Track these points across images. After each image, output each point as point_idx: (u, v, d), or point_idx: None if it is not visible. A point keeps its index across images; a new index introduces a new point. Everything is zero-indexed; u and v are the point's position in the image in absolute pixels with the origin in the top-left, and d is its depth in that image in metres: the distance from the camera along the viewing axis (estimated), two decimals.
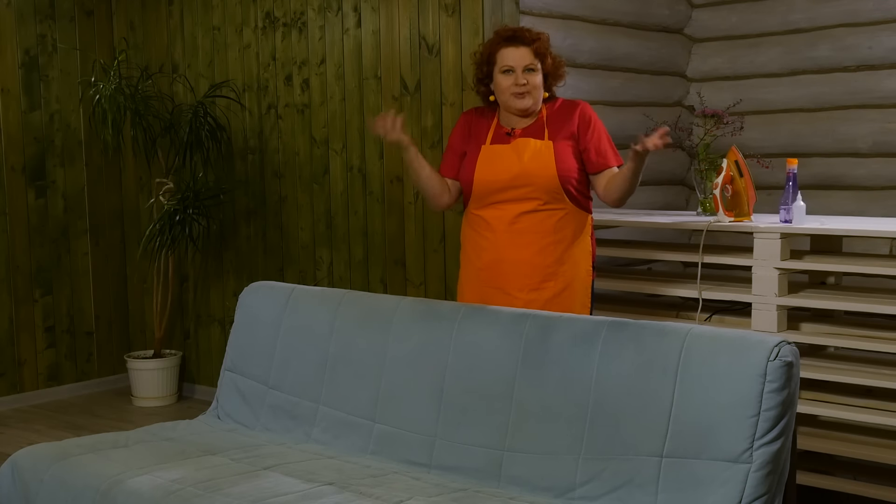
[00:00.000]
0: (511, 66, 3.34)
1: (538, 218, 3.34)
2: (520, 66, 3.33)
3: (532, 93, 3.35)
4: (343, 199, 5.00)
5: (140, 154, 5.61)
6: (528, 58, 3.34)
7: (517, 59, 3.34)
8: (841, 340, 3.63)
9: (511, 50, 3.35)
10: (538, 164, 3.33)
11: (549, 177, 3.32)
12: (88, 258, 5.87)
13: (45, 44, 5.63)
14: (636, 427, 2.69)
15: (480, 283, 3.43)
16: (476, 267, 3.45)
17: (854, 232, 3.62)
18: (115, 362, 5.99)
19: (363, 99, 4.88)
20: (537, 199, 3.33)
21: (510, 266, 3.37)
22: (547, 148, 3.34)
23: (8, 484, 3.19)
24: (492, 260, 3.39)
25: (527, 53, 3.34)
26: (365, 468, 3.05)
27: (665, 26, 5.39)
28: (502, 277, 3.38)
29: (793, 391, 2.55)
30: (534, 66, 3.34)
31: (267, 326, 3.56)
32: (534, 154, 3.34)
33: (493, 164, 3.37)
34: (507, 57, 3.35)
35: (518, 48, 3.34)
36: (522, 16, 4.46)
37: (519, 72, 3.33)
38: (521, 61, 3.33)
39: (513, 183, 3.33)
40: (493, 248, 3.39)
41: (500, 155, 3.37)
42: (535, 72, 3.35)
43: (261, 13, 5.25)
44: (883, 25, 4.93)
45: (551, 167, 3.32)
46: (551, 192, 3.33)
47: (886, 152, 4.98)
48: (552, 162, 3.33)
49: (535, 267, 3.36)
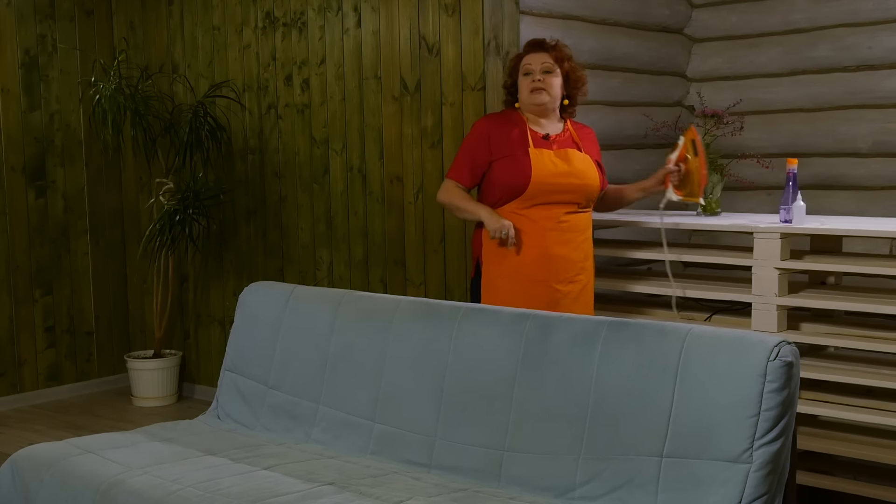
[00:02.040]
0: (531, 67, 3.70)
1: (578, 218, 3.70)
2: (538, 67, 3.69)
3: (548, 90, 3.68)
4: (343, 199, 5.00)
5: (140, 154, 5.61)
6: (546, 60, 3.69)
7: (535, 61, 3.70)
8: (841, 340, 3.63)
9: (532, 55, 3.72)
10: (586, 173, 3.69)
11: (593, 185, 3.72)
12: (88, 258, 5.87)
13: (45, 44, 5.63)
14: (636, 427, 2.69)
15: (522, 277, 3.64)
16: (518, 262, 3.64)
17: (854, 232, 3.62)
18: (115, 362, 5.99)
19: (363, 99, 4.88)
20: (578, 203, 3.69)
21: (555, 261, 3.65)
22: (587, 159, 3.73)
23: (8, 484, 3.19)
24: (538, 255, 3.63)
25: (545, 57, 3.70)
26: (365, 468, 3.05)
27: (665, 26, 5.39)
28: (547, 271, 3.64)
29: (793, 391, 2.55)
30: (551, 69, 3.69)
31: (267, 326, 3.56)
32: (581, 163, 3.70)
33: (547, 167, 3.64)
34: (529, 60, 3.72)
35: (538, 53, 3.71)
36: (522, 16, 4.46)
37: (537, 72, 3.68)
38: (539, 62, 3.69)
39: (567, 186, 3.65)
40: (539, 245, 3.64)
41: (552, 159, 3.66)
42: (552, 74, 3.69)
43: (261, 13, 5.25)
44: (883, 25, 4.93)
45: (596, 177, 3.73)
46: (590, 198, 3.74)
47: (886, 152, 4.98)
48: (595, 172, 3.73)
49: (573, 262, 3.68)
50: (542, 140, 3.70)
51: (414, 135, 4.68)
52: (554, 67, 3.69)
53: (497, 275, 3.68)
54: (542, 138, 3.70)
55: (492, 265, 3.69)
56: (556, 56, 3.70)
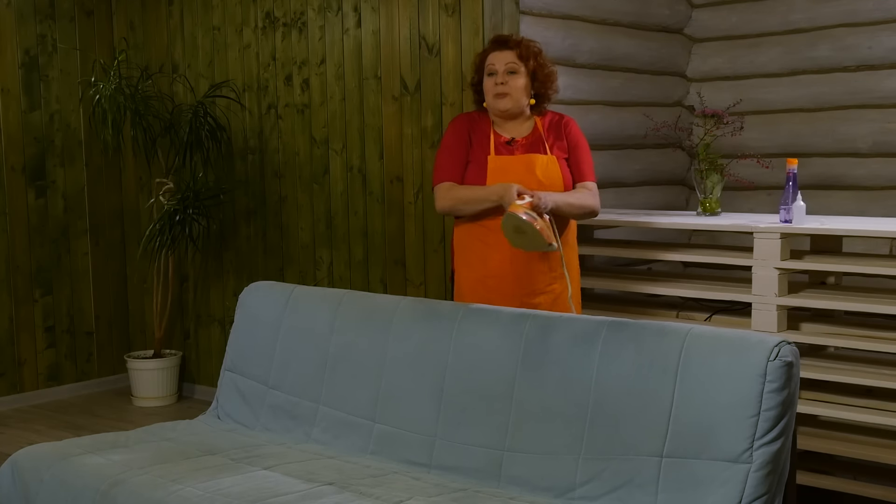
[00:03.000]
0: (494, 67, 3.48)
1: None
2: (501, 67, 3.47)
3: (512, 94, 3.46)
4: (343, 199, 5.00)
5: (140, 154, 5.61)
6: (510, 58, 3.46)
7: (499, 60, 3.48)
8: (841, 340, 3.63)
9: (496, 53, 3.50)
10: (549, 180, 3.45)
11: (556, 189, 3.44)
12: (88, 258, 5.87)
13: (45, 44, 5.63)
14: (636, 427, 2.69)
15: (487, 291, 3.45)
16: (481, 275, 3.48)
17: (854, 232, 3.62)
18: (115, 362, 5.99)
19: (363, 99, 4.88)
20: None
21: (520, 273, 3.44)
22: (552, 163, 3.49)
23: (8, 484, 3.19)
24: (500, 268, 3.44)
25: (509, 55, 3.47)
26: (365, 468, 3.05)
27: (665, 26, 5.39)
28: (512, 284, 3.44)
29: (793, 391, 2.55)
30: (515, 69, 3.47)
31: (267, 326, 3.56)
32: (544, 170, 3.46)
33: (504, 177, 3.41)
34: (492, 59, 3.50)
35: (502, 52, 3.48)
36: (522, 16, 4.46)
37: (500, 73, 3.47)
38: (503, 62, 3.47)
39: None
40: (501, 258, 3.43)
41: (510, 167, 3.45)
42: (517, 74, 3.47)
43: (261, 13, 5.25)
44: (883, 25, 4.93)
45: (559, 182, 3.47)
46: None
47: (886, 152, 4.98)
48: (559, 177, 3.48)
49: (542, 272, 3.46)
50: (505, 146, 3.50)
51: (414, 135, 4.68)
52: (518, 67, 3.46)
53: (464, 287, 3.53)
54: (506, 144, 3.50)
55: (461, 275, 3.55)
56: (521, 54, 3.47)
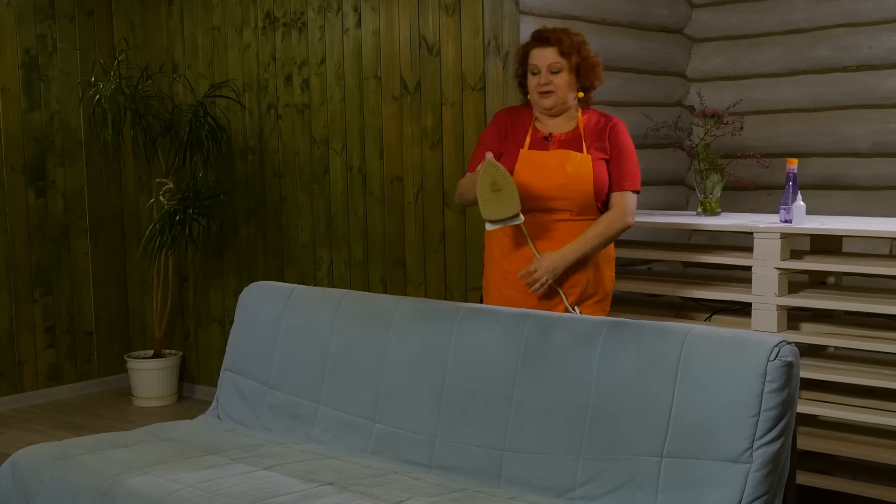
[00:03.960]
0: (537, 66, 3.44)
1: (570, 226, 3.41)
2: (544, 65, 3.42)
3: (556, 93, 3.42)
4: (343, 199, 5.00)
5: (140, 154, 5.61)
6: (553, 57, 3.42)
7: (542, 59, 3.43)
8: (841, 340, 3.63)
9: (538, 50, 3.45)
10: (579, 179, 3.39)
11: (585, 191, 3.39)
12: (88, 258, 5.87)
13: (45, 44, 5.63)
14: (636, 427, 2.69)
15: (507, 285, 3.45)
16: (503, 269, 3.48)
17: (854, 232, 3.62)
18: (115, 362, 5.99)
19: (363, 99, 4.87)
20: (571, 210, 3.41)
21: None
22: (586, 162, 3.41)
23: (8, 484, 3.19)
24: (522, 264, 3.42)
25: (552, 53, 3.42)
26: (365, 468, 3.05)
27: (665, 26, 5.39)
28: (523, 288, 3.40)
29: (793, 391, 2.55)
30: (559, 67, 3.42)
31: (267, 326, 3.56)
32: (575, 167, 3.40)
33: (534, 171, 3.40)
34: (534, 57, 3.45)
35: (545, 49, 3.43)
36: (522, 16, 4.46)
37: (544, 72, 3.42)
38: (546, 61, 3.42)
39: (555, 193, 3.39)
40: (525, 254, 3.42)
41: (542, 162, 3.42)
42: (560, 72, 3.42)
43: (261, 13, 5.25)
44: (883, 25, 4.93)
45: (588, 182, 3.39)
46: (585, 205, 3.41)
47: (886, 152, 4.97)
48: (590, 177, 3.40)
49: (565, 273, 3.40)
50: (542, 140, 3.47)
51: (414, 135, 4.68)
52: (562, 64, 3.41)
53: (488, 280, 3.55)
54: (543, 139, 3.47)
55: (487, 270, 3.58)
56: (563, 50, 3.41)
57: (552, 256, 3.36)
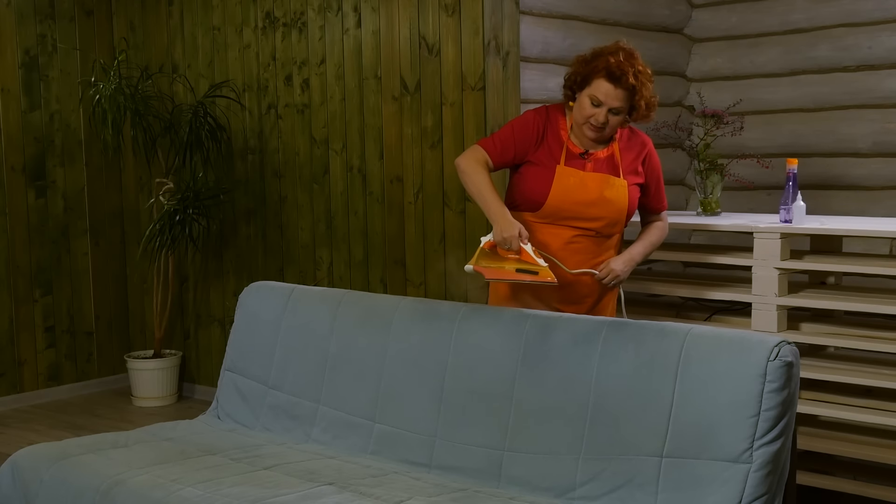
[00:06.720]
0: (599, 100, 3.23)
1: (593, 241, 3.37)
2: (607, 104, 3.23)
3: (606, 132, 3.30)
4: (343, 199, 5.00)
5: (140, 154, 5.61)
6: (619, 101, 3.23)
7: (607, 97, 3.23)
8: (841, 340, 3.63)
9: (607, 87, 3.22)
10: (615, 205, 3.34)
11: (619, 213, 3.36)
12: (88, 258, 5.87)
13: (45, 44, 5.63)
14: (636, 427, 2.69)
15: (524, 293, 3.36)
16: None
17: (854, 232, 3.62)
18: (115, 362, 5.99)
19: (363, 99, 4.87)
20: (599, 230, 3.37)
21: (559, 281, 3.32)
22: (623, 188, 3.34)
23: (8, 484, 3.19)
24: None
25: (620, 96, 3.23)
26: (365, 468, 3.05)
27: (665, 26, 5.39)
28: (549, 291, 3.32)
29: (793, 391, 2.55)
30: (620, 110, 3.25)
31: (267, 326, 3.56)
32: (614, 193, 3.34)
33: (570, 190, 3.31)
34: (601, 89, 3.23)
35: (615, 88, 3.22)
36: (522, 15, 4.46)
37: (604, 110, 3.24)
38: (610, 102, 3.23)
39: (589, 213, 3.33)
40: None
41: (579, 182, 3.32)
42: (619, 115, 3.27)
43: (261, 13, 5.25)
44: (883, 25, 4.93)
45: (623, 206, 3.35)
46: (613, 225, 3.39)
47: (886, 152, 4.98)
48: (625, 202, 3.35)
49: (581, 283, 3.37)
50: (578, 158, 3.33)
51: (414, 135, 4.68)
52: (624, 109, 3.25)
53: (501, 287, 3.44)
54: (579, 156, 3.33)
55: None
56: (632, 95, 3.23)
57: (621, 258, 3.36)
